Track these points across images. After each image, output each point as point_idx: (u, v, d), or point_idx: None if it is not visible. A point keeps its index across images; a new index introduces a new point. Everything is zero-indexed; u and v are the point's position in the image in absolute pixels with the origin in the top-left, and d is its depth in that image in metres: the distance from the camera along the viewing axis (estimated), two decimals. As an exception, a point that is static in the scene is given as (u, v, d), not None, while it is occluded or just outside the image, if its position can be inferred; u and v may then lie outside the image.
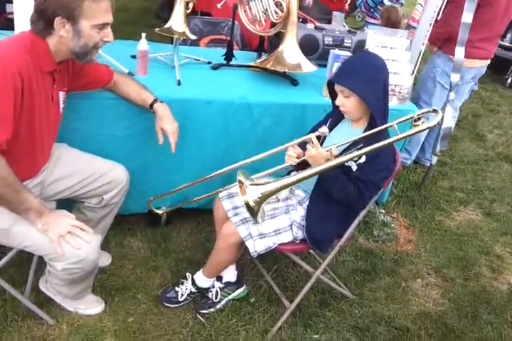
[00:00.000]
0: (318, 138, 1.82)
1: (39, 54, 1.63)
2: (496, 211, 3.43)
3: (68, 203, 2.08)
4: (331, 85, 1.96)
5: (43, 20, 1.59)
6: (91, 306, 2.07)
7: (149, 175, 2.39)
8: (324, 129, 1.81)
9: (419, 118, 1.72)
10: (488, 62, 3.44)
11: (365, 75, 1.83)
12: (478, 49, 3.27)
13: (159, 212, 1.94)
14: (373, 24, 4.52)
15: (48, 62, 1.68)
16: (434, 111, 1.78)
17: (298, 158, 1.89)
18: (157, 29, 2.45)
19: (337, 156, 1.82)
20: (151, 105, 2.04)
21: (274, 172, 2.03)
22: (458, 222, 3.24)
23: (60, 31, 1.61)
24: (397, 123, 1.78)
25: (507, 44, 7.00)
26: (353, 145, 1.85)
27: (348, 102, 1.88)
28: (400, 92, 2.74)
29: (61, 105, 1.86)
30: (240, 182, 1.73)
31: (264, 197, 1.71)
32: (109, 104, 2.15)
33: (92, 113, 2.14)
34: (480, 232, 3.15)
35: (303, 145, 1.92)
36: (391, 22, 4.19)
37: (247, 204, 1.70)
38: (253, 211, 1.72)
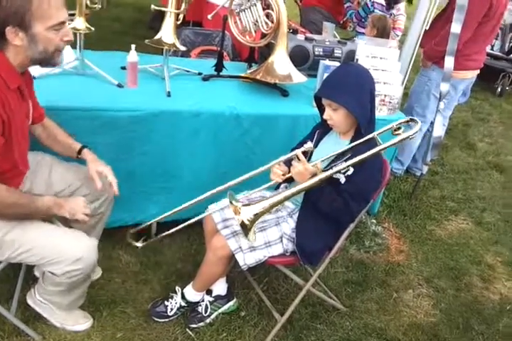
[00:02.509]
0: (304, 153, 1.82)
1: (2, 71, 1.53)
2: (486, 220, 3.44)
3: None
4: (317, 99, 1.96)
5: None
6: (79, 322, 2.03)
7: (136, 185, 2.37)
8: (309, 145, 1.81)
9: (399, 128, 1.73)
10: (478, 70, 3.49)
11: (351, 87, 1.83)
12: (472, 61, 3.32)
13: (138, 244, 1.89)
14: (364, 34, 4.54)
15: (14, 77, 1.58)
16: (412, 120, 1.79)
17: (284, 175, 1.88)
18: (147, 40, 2.44)
19: (323, 170, 1.82)
20: (80, 151, 1.91)
21: (260, 190, 2.03)
22: (449, 231, 3.24)
23: (15, 41, 1.50)
24: (377, 134, 1.79)
25: (496, 53, 7.08)
26: (340, 156, 1.85)
27: (335, 115, 1.88)
28: (390, 102, 2.75)
29: (31, 112, 1.78)
30: (232, 203, 1.73)
31: (258, 216, 1.72)
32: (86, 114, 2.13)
33: (68, 123, 2.08)
34: (471, 242, 3.15)
35: (288, 162, 1.91)
36: (386, 32, 4.22)
37: (242, 224, 1.70)
38: (247, 230, 1.72)
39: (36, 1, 1.45)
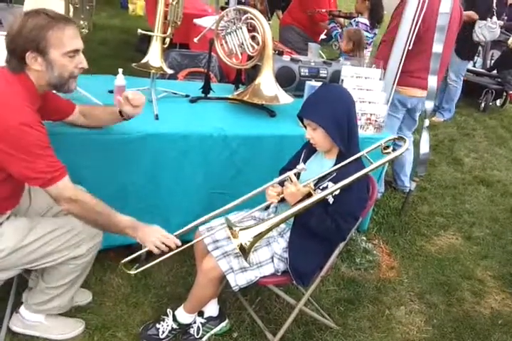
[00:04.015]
0: (296, 174, 1.86)
1: (30, 93, 1.66)
2: (475, 234, 3.47)
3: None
4: (302, 118, 2.01)
5: (16, 57, 1.62)
6: (76, 326, 2.11)
7: (126, 207, 2.36)
8: (302, 166, 1.85)
9: (387, 147, 1.78)
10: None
11: (327, 107, 1.87)
12: (417, 78, 3.28)
13: (132, 272, 1.92)
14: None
15: (37, 99, 1.72)
16: (400, 138, 1.84)
17: (278, 195, 1.91)
18: (134, 64, 2.47)
19: (313, 190, 1.86)
20: (120, 112, 2.06)
21: (255, 211, 2.04)
22: (439, 246, 3.26)
23: (34, 65, 1.63)
24: (366, 153, 1.84)
25: (478, 70, 7.23)
26: (327, 176, 1.89)
27: (315, 135, 1.92)
28: (376, 121, 2.80)
29: None
30: (230, 228, 1.74)
31: (256, 239, 1.74)
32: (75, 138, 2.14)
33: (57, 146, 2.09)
34: (461, 256, 3.17)
35: (281, 183, 1.94)
36: (361, 45, 4.32)
37: (241, 248, 1.71)
38: (246, 253, 1.73)
39: (52, 29, 1.60)
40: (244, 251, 1.72)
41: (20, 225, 1.80)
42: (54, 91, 1.87)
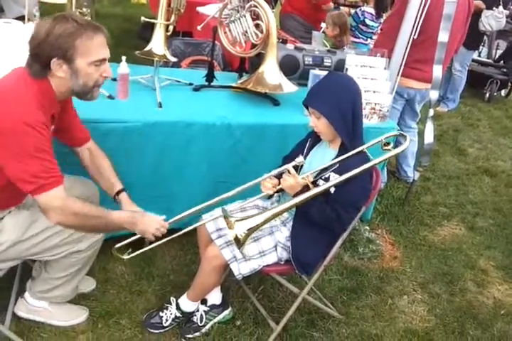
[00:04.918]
0: (295, 166, 1.86)
1: (46, 98, 1.63)
2: (478, 225, 3.46)
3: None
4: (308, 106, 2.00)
5: (39, 63, 1.59)
6: (80, 313, 2.12)
7: (130, 196, 2.37)
8: (300, 159, 1.85)
9: (388, 143, 1.81)
10: (429, 86, 3.30)
11: (332, 96, 1.86)
12: (415, 69, 3.22)
13: (124, 257, 1.92)
14: (356, 43, 4.59)
15: (54, 104, 1.69)
16: (402, 135, 1.85)
17: (274, 187, 1.92)
18: (137, 52, 2.46)
19: (313, 182, 1.88)
20: (118, 192, 1.97)
21: (251, 202, 2.06)
22: (442, 236, 3.26)
23: (58, 72, 1.61)
24: (366, 148, 1.87)
25: (483, 59, 7.17)
26: (329, 167, 1.89)
27: (319, 123, 1.91)
28: (380, 110, 2.78)
29: None
30: (226, 219, 1.75)
31: (251, 231, 1.76)
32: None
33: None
34: (464, 246, 3.17)
35: (280, 174, 1.94)
36: (347, 28, 4.29)
37: (236, 239, 1.73)
38: (241, 244, 1.75)
39: (80, 37, 1.57)
40: (238, 242, 1.74)
41: (21, 219, 1.78)
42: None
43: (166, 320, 2.12)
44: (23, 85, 1.59)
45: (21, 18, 2.83)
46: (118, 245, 1.88)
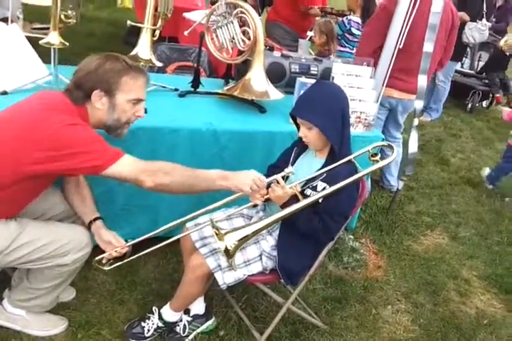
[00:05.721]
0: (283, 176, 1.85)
1: (83, 121, 1.71)
2: (461, 234, 3.48)
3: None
4: (294, 116, 1.98)
5: (82, 91, 1.70)
6: (58, 324, 2.06)
7: (114, 204, 2.33)
8: (289, 169, 1.84)
9: (375, 154, 1.82)
10: (413, 97, 3.30)
11: (323, 106, 1.85)
12: (396, 79, 3.22)
13: (105, 268, 1.88)
14: (341, 51, 4.61)
15: None
16: (389, 146, 1.86)
17: (262, 197, 1.88)
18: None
19: (301, 191, 1.88)
20: (95, 219, 1.92)
21: (238, 211, 2.03)
22: (425, 246, 3.26)
23: (97, 103, 1.71)
24: (354, 157, 1.87)
25: (466, 70, 7.28)
26: (317, 176, 1.88)
27: (310, 134, 1.90)
28: (365, 119, 2.78)
29: None
30: (215, 230, 1.73)
31: (242, 242, 1.74)
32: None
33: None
34: (447, 256, 3.18)
35: (267, 184, 1.91)
36: (333, 36, 4.32)
37: (225, 251, 1.71)
38: (230, 255, 1.73)
39: (127, 75, 1.72)
40: (228, 254, 1.72)
41: (7, 229, 1.73)
42: None
43: (148, 330, 2.08)
44: (63, 106, 1.68)
45: (5, 20, 2.79)
46: (98, 257, 1.83)
